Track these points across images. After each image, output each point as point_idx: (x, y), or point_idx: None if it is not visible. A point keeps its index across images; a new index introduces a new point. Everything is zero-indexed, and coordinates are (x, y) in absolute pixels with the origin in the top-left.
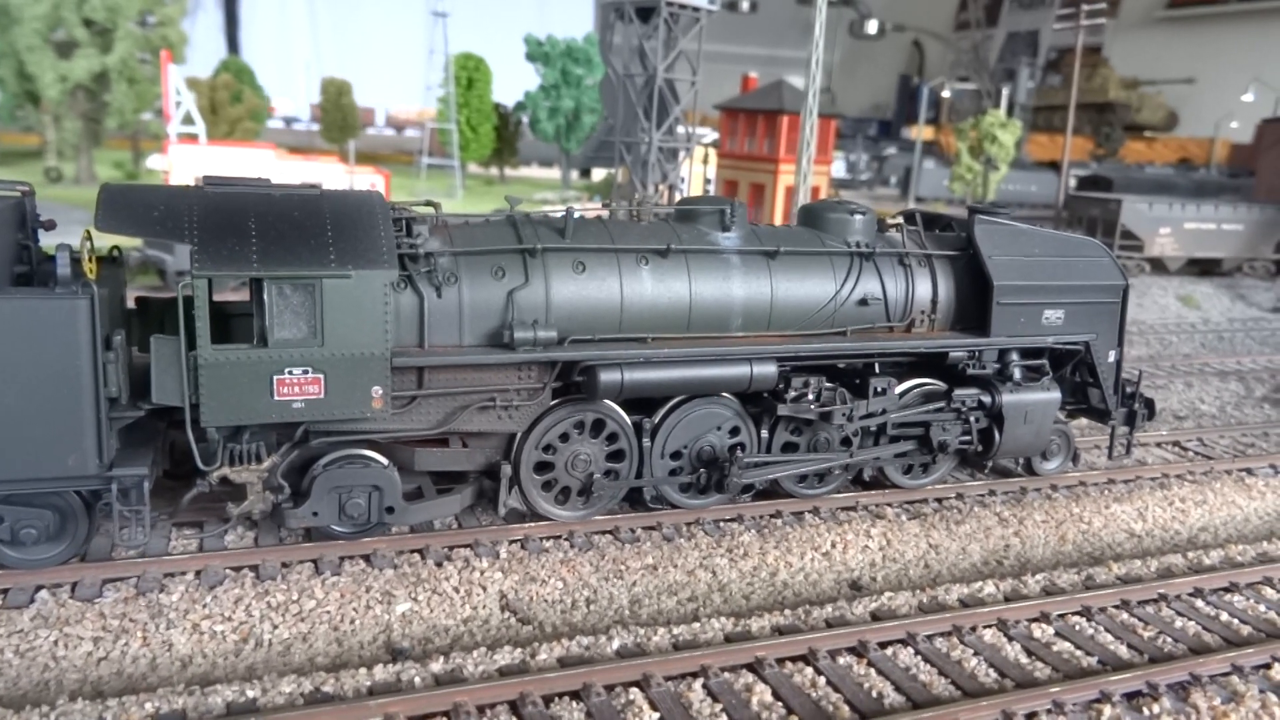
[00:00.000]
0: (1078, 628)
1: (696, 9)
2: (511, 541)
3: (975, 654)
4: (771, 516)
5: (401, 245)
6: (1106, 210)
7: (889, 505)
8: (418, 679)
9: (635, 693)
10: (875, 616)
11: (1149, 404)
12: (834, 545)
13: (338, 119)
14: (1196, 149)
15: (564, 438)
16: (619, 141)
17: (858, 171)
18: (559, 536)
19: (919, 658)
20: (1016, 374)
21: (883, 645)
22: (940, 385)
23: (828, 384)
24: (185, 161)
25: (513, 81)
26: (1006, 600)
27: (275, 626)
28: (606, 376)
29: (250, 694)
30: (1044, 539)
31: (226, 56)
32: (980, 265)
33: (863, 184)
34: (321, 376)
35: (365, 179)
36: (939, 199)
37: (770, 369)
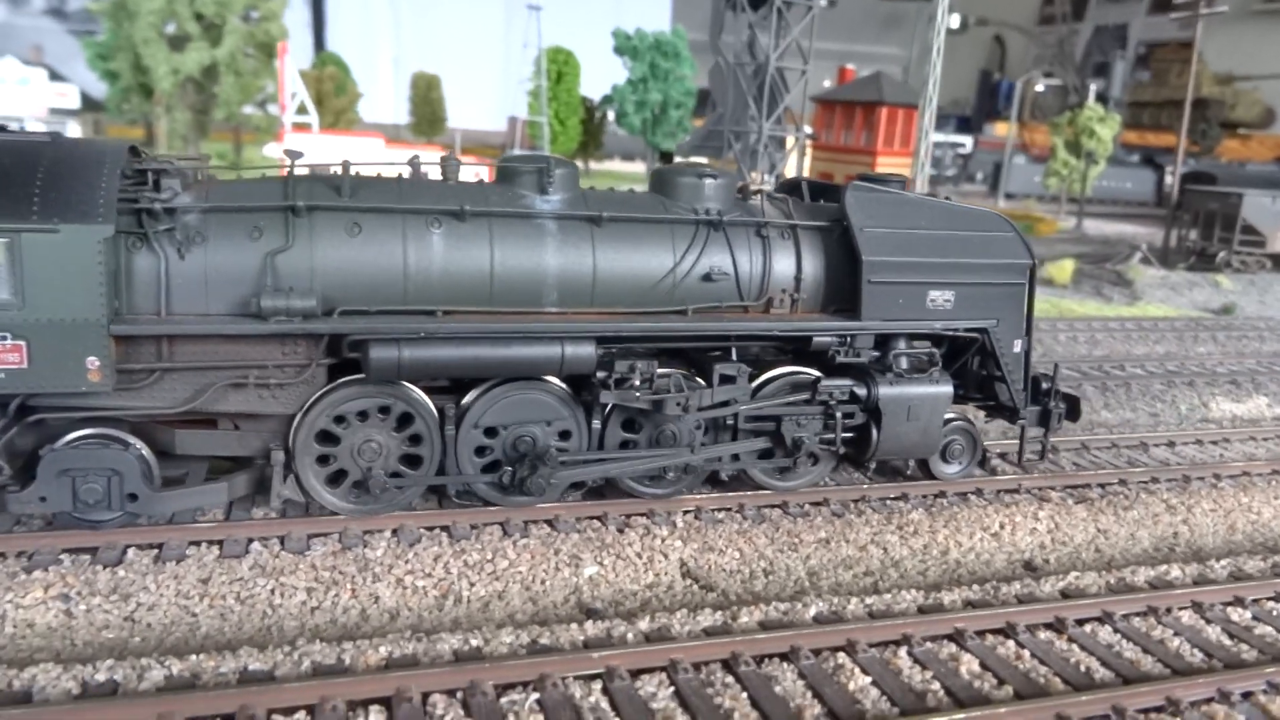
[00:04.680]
0: (1275, 613)
1: (809, 1)
2: (685, 512)
3: (1175, 634)
4: (936, 496)
5: (140, 200)
6: (1226, 204)
7: (1053, 489)
8: (629, 635)
9: (842, 657)
10: (1065, 595)
11: (1070, 402)
12: (1002, 526)
13: (427, 113)
14: None
15: (345, 422)
16: (728, 130)
17: (943, 167)
18: (730, 509)
19: (1119, 636)
20: (903, 364)
21: (1080, 623)
22: (812, 375)
23: (664, 370)
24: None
25: (596, 75)
26: (1195, 584)
27: (472, 584)
28: (379, 353)
29: (474, 643)
30: (1213, 528)
31: (314, 51)
32: (850, 238)
33: (948, 180)
34: (23, 344)
35: (470, 170)
36: (1030, 195)
37: (586, 350)
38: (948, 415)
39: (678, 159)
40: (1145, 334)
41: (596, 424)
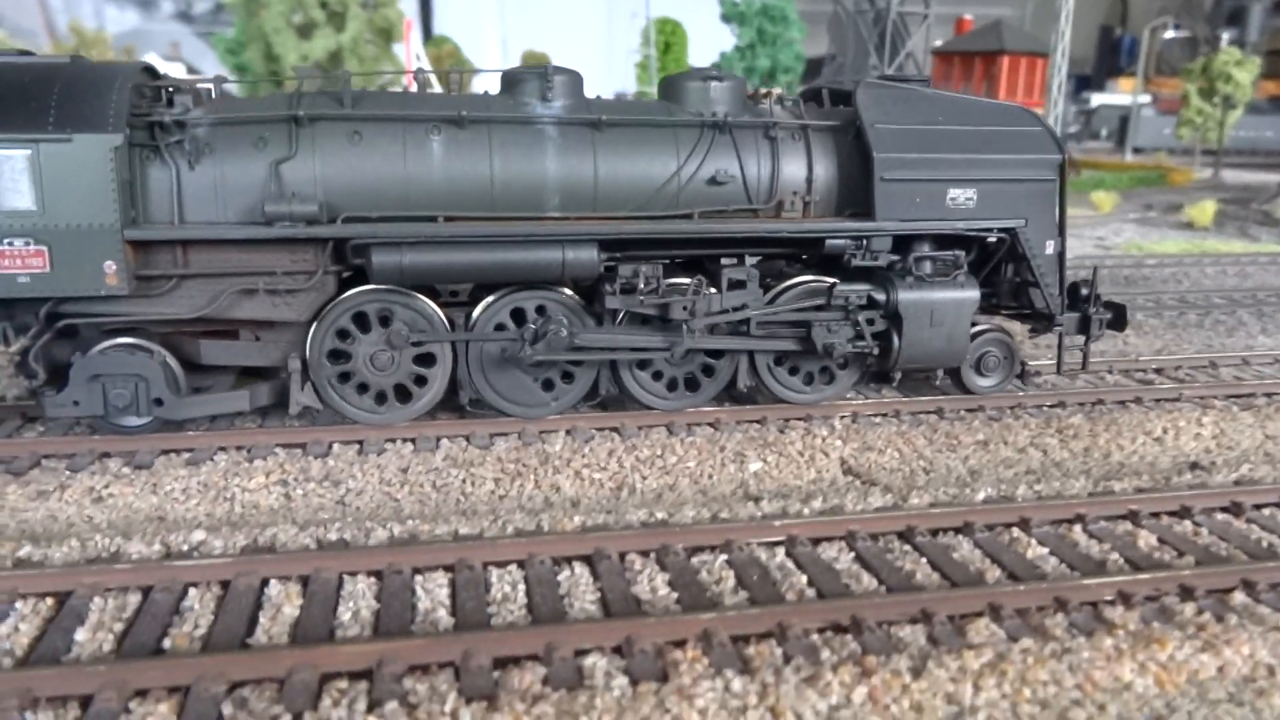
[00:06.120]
0: None
1: None
2: (842, 416)
3: None
4: (1095, 403)
5: (154, 113)
6: None
7: (1215, 398)
8: (805, 511)
9: (1016, 531)
10: (1238, 483)
11: (1115, 309)
12: (1165, 431)
13: None
14: None
15: (352, 332)
16: (848, 82)
17: (1066, 124)
18: (886, 414)
19: None
20: (925, 268)
21: (1258, 507)
22: (828, 282)
23: (681, 278)
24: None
25: (704, 44)
26: None
27: (644, 477)
28: (381, 258)
29: (659, 515)
30: None
31: (423, 36)
32: (862, 136)
33: (1069, 137)
34: (45, 249)
35: None
36: (1160, 149)
37: (588, 254)
38: (982, 326)
39: None
40: None
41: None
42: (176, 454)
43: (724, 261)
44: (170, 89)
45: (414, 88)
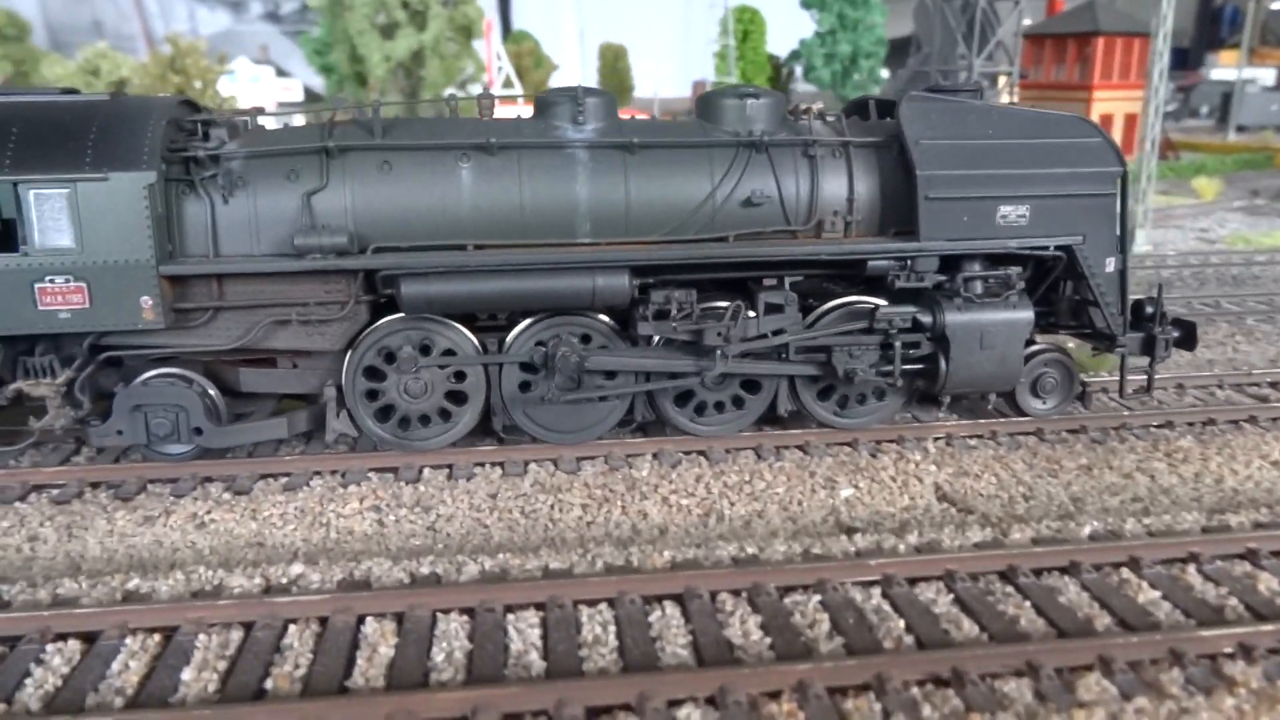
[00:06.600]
0: None
1: None
2: (936, 438)
3: None
4: (1205, 423)
5: (189, 148)
6: None
7: None
8: (900, 547)
9: (1126, 572)
10: None
11: (1185, 327)
12: None
13: (615, 83)
14: None
15: (389, 359)
16: (935, 71)
17: (1163, 105)
18: (983, 435)
19: None
20: (976, 288)
21: None
22: (871, 304)
23: (711, 304)
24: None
25: (783, 31)
26: None
27: (733, 504)
28: (409, 288)
29: (749, 550)
30: None
31: (503, 31)
32: (905, 152)
33: (1168, 116)
34: (84, 285)
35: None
36: (1267, 126)
37: (619, 280)
38: (1039, 346)
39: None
40: None
41: None
42: (274, 478)
43: (765, 283)
44: (206, 123)
45: (496, 88)
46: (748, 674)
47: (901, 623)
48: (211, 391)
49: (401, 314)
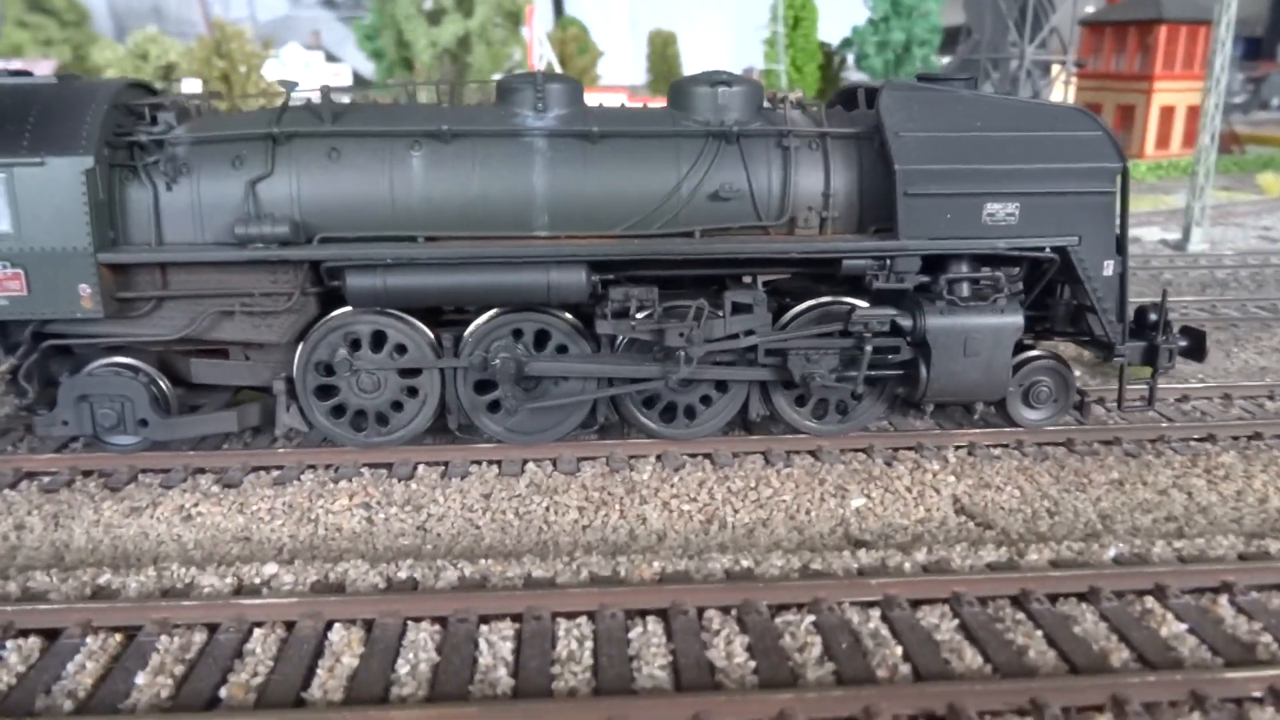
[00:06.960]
0: None
1: None
2: (957, 447)
3: None
4: (1250, 438)
5: (134, 133)
6: None
7: None
8: (906, 565)
9: (1150, 601)
10: None
11: (1193, 337)
12: None
13: (664, 70)
14: None
15: (341, 351)
16: (985, 59)
17: (1231, 94)
18: (1007, 445)
19: None
20: (962, 290)
21: None
22: (847, 305)
23: (674, 303)
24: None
25: (834, 18)
26: None
27: (736, 510)
28: (356, 281)
29: (744, 563)
30: None
31: (554, 17)
32: (884, 145)
33: (1235, 108)
34: (22, 272)
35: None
36: None
37: (575, 276)
38: (1034, 354)
39: None
40: None
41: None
42: (265, 471)
43: (744, 281)
44: (153, 106)
45: (540, 66)
46: (724, 702)
47: (899, 649)
48: (161, 382)
49: (349, 308)
